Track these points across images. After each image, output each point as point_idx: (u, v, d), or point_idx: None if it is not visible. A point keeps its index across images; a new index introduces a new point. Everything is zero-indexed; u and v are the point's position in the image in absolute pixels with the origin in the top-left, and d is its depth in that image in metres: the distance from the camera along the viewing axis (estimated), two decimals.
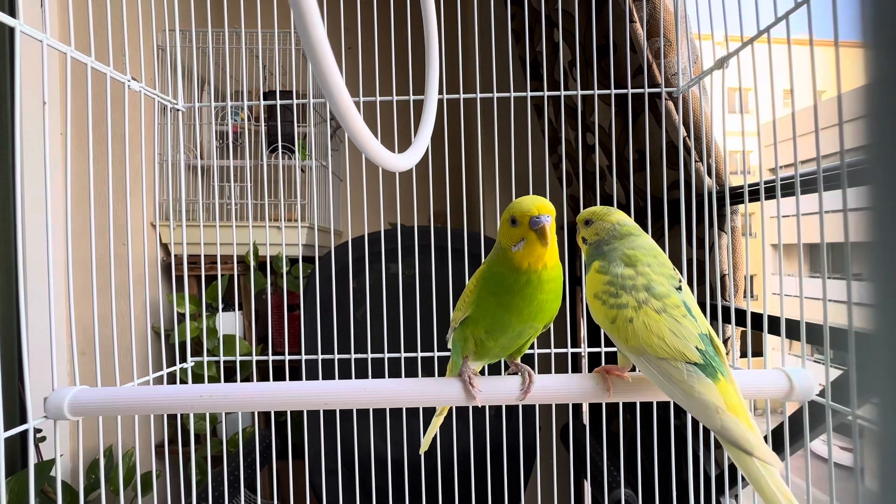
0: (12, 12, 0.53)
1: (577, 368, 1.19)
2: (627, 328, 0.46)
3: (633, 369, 0.53)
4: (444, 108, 0.93)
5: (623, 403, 1.07)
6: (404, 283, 1.06)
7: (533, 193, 0.58)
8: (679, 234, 0.83)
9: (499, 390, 0.53)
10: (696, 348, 0.44)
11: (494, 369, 0.97)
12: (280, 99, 1.06)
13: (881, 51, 0.11)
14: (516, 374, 0.54)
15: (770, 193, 0.66)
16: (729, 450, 0.42)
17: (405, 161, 0.44)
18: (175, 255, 1.38)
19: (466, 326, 0.53)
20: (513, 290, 0.49)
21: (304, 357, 0.96)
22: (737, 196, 0.83)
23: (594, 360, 1.18)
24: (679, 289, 0.48)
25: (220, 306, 1.39)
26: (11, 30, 0.52)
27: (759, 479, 0.40)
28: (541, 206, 0.47)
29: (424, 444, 0.61)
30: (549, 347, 0.95)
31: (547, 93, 0.91)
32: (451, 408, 0.65)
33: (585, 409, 1.23)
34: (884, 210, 0.11)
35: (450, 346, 0.60)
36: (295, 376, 1.15)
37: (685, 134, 0.89)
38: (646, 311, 0.46)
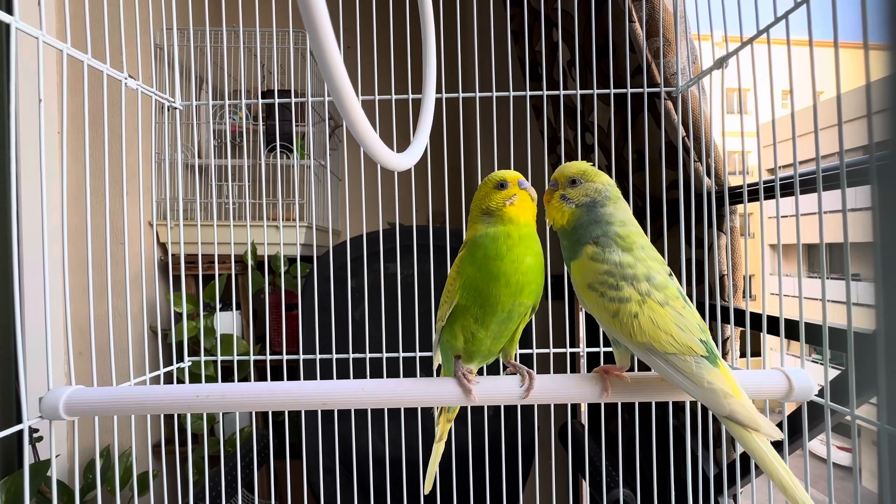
0: (9, 9, 0.52)
1: (575, 369, 1.19)
2: (632, 324, 0.45)
3: (632, 368, 0.53)
4: (443, 107, 0.93)
5: (621, 403, 1.07)
6: (402, 283, 1.05)
7: None
8: (678, 234, 0.83)
9: (497, 389, 0.52)
10: (700, 340, 0.45)
11: (493, 371, 0.97)
12: (278, 98, 1.06)
13: None
14: (515, 374, 0.54)
15: (769, 193, 0.66)
16: (733, 429, 0.44)
17: (406, 160, 0.44)
18: (172, 255, 1.37)
19: (455, 321, 0.52)
20: (501, 253, 0.49)
21: (301, 357, 0.95)
22: (736, 196, 0.83)
23: (592, 359, 1.18)
24: (670, 275, 0.48)
25: (218, 306, 1.39)
26: (7, 26, 0.52)
27: (762, 455, 0.43)
28: (520, 176, 0.52)
29: (428, 482, 0.61)
30: (548, 347, 0.95)
31: (546, 92, 0.91)
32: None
33: (584, 408, 1.23)
34: None
35: (438, 356, 0.59)
36: (293, 376, 1.14)
37: (684, 134, 0.89)
38: (650, 305, 0.45)
